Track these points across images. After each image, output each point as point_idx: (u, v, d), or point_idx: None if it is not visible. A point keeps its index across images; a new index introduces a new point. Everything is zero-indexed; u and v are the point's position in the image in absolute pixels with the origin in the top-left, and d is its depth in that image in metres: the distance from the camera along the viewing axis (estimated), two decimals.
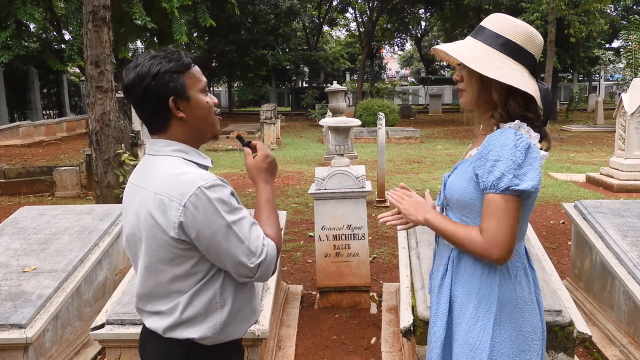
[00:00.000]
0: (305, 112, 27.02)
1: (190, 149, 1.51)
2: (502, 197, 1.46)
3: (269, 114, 14.85)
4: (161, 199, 1.40)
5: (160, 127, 1.50)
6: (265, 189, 1.60)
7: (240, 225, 1.42)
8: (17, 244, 3.55)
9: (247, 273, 1.44)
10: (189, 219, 1.38)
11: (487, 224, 1.48)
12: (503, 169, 1.46)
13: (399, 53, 49.27)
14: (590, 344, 3.37)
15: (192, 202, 1.37)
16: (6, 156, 13.61)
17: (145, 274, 1.49)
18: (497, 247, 1.46)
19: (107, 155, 5.50)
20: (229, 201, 1.41)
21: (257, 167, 1.61)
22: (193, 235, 1.40)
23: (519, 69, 1.53)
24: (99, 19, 5.30)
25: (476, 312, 1.56)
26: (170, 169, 1.44)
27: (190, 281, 1.46)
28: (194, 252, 1.43)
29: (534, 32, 1.55)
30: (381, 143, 7.72)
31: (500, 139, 1.49)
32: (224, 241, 1.40)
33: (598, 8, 18.01)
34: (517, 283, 1.57)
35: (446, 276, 1.64)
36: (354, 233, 4.03)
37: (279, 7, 28.33)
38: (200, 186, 1.38)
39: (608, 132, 16.78)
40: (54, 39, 21.31)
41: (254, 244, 1.43)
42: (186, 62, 1.47)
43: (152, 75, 1.42)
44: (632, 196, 7.70)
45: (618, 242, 3.49)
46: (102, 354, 3.24)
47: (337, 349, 3.47)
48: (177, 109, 1.47)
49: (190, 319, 1.47)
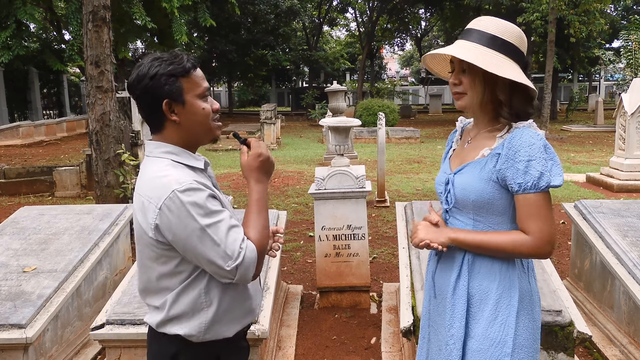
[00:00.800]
0: (305, 112, 27.02)
1: (182, 151, 1.53)
2: (542, 195, 1.52)
3: (269, 114, 14.84)
4: (142, 201, 1.47)
5: (156, 128, 1.54)
6: (255, 189, 1.59)
7: (216, 228, 1.43)
8: (17, 244, 3.55)
9: (225, 275, 1.45)
10: (164, 222, 1.42)
11: (534, 224, 1.52)
12: (540, 168, 1.50)
13: (399, 53, 49.23)
14: (590, 344, 3.37)
15: (167, 205, 1.41)
16: (6, 156, 13.61)
17: (141, 270, 1.57)
18: (549, 243, 1.54)
19: (107, 155, 5.50)
20: (203, 204, 1.42)
21: (249, 166, 1.60)
22: (169, 238, 1.44)
23: (517, 68, 1.57)
24: (99, 19, 5.30)
25: (496, 307, 1.58)
26: (154, 172, 1.48)
27: (176, 279, 1.51)
28: (175, 253, 1.48)
29: (522, 33, 1.63)
30: (381, 143, 7.72)
31: (524, 139, 1.51)
32: (198, 244, 1.42)
33: (598, 8, 17.97)
34: (530, 275, 1.64)
35: (461, 277, 1.62)
36: (354, 233, 4.03)
37: (279, 7, 28.32)
38: (174, 190, 1.41)
39: (608, 132, 16.79)
40: (54, 39, 21.29)
41: (230, 247, 1.43)
42: (186, 66, 1.48)
43: (149, 76, 1.46)
44: (632, 196, 7.70)
45: (618, 242, 3.49)
46: (102, 354, 3.24)
47: (337, 349, 3.47)
48: (171, 112, 1.49)
49: (177, 316, 1.52)
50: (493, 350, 1.56)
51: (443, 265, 1.70)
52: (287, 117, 26.29)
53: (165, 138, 1.53)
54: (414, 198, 7.69)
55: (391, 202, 7.51)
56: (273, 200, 7.86)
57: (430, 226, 1.67)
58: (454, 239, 1.61)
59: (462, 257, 1.63)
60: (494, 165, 1.56)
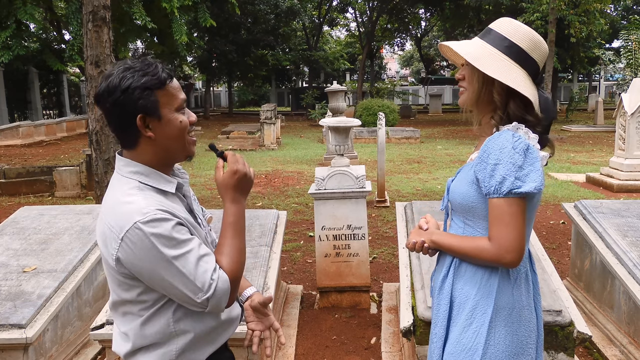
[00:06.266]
0: (305, 112, 27.02)
1: (152, 172, 1.41)
2: (506, 201, 1.46)
3: (269, 114, 14.85)
4: (104, 227, 1.36)
5: (128, 144, 1.42)
6: (231, 210, 1.46)
7: (185, 260, 1.32)
8: (17, 244, 3.55)
9: (196, 306, 1.37)
10: (127, 254, 1.32)
11: (494, 230, 1.48)
12: (504, 172, 1.45)
13: (399, 53, 49.25)
14: (590, 344, 3.37)
15: (129, 237, 1.30)
16: (6, 156, 13.61)
17: (110, 292, 1.47)
18: (508, 252, 1.46)
19: (107, 155, 5.49)
20: (169, 235, 1.31)
21: (225, 184, 1.46)
22: (132, 270, 1.34)
23: (521, 72, 1.54)
24: (99, 19, 5.30)
25: (472, 314, 1.56)
26: (118, 196, 1.37)
27: (138, 307, 1.40)
28: (137, 282, 1.37)
29: (539, 40, 1.56)
30: (381, 143, 7.72)
31: (498, 142, 1.48)
32: (166, 276, 1.32)
33: (598, 8, 17.98)
34: (515, 287, 1.57)
35: (447, 278, 1.63)
36: (354, 233, 4.03)
37: (279, 7, 28.34)
38: (137, 221, 1.29)
39: (608, 132, 16.78)
40: (54, 39, 21.30)
41: (200, 279, 1.33)
42: (162, 77, 1.36)
43: (121, 89, 1.33)
44: (632, 196, 7.70)
45: (618, 242, 3.49)
46: (102, 354, 3.25)
47: (337, 349, 3.47)
48: (145, 127, 1.37)
49: (144, 347, 1.42)
50: (463, 356, 1.55)
51: (437, 266, 1.74)
52: (287, 117, 26.32)
53: (138, 155, 1.41)
54: (414, 198, 7.69)
55: (391, 202, 7.52)
56: (273, 200, 7.86)
57: (422, 230, 1.70)
58: (434, 240, 1.63)
59: (451, 260, 1.63)
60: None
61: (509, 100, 1.54)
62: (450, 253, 1.62)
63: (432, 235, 1.65)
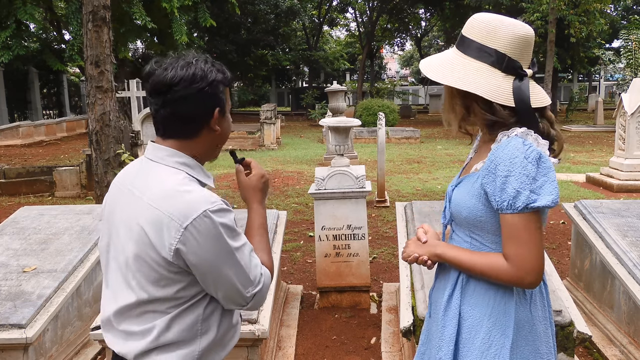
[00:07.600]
0: (305, 112, 27.02)
1: (196, 165, 1.41)
2: (521, 217, 1.32)
3: (269, 114, 14.85)
4: (158, 215, 1.28)
5: (186, 133, 1.38)
6: (259, 212, 1.52)
7: (242, 252, 1.33)
8: (17, 244, 3.55)
9: (240, 302, 1.36)
10: (190, 243, 1.27)
11: (511, 249, 1.34)
12: (517, 185, 1.31)
13: (399, 53, 49.23)
14: (590, 344, 3.37)
15: (196, 226, 1.26)
16: (6, 156, 13.62)
17: (118, 292, 1.37)
18: (529, 273, 1.34)
19: (107, 155, 5.50)
20: (232, 226, 1.32)
21: (253, 187, 1.53)
22: (192, 260, 1.28)
23: (483, 68, 1.41)
24: (99, 19, 5.30)
25: (489, 336, 1.42)
26: (174, 184, 1.32)
27: (169, 304, 1.34)
28: (183, 277, 1.32)
29: (497, 24, 1.41)
30: (381, 143, 7.72)
31: (507, 151, 1.34)
32: (225, 268, 1.30)
33: (598, 8, 17.98)
34: (532, 303, 1.46)
35: (453, 297, 1.49)
36: (354, 233, 4.03)
37: (279, 7, 28.35)
38: (206, 209, 1.27)
39: (608, 132, 16.78)
40: (54, 39, 21.30)
41: (253, 272, 1.35)
42: (230, 77, 1.43)
43: (209, 81, 1.35)
44: (632, 196, 7.70)
45: (618, 242, 3.49)
46: (102, 354, 3.25)
47: (337, 349, 3.47)
48: (217, 122, 1.40)
49: (167, 344, 1.35)
50: None
51: (439, 283, 1.59)
52: (287, 117, 26.30)
53: (194, 145, 1.39)
54: (414, 198, 7.70)
55: (391, 202, 7.52)
56: (273, 200, 7.86)
57: (420, 242, 1.57)
58: (438, 254, 1.49)
59: (457, 277, 1.49)
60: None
61: (470, 104, 1.44)
62: (458, 269, 1.48)
63: (435, 249, 1.51)
